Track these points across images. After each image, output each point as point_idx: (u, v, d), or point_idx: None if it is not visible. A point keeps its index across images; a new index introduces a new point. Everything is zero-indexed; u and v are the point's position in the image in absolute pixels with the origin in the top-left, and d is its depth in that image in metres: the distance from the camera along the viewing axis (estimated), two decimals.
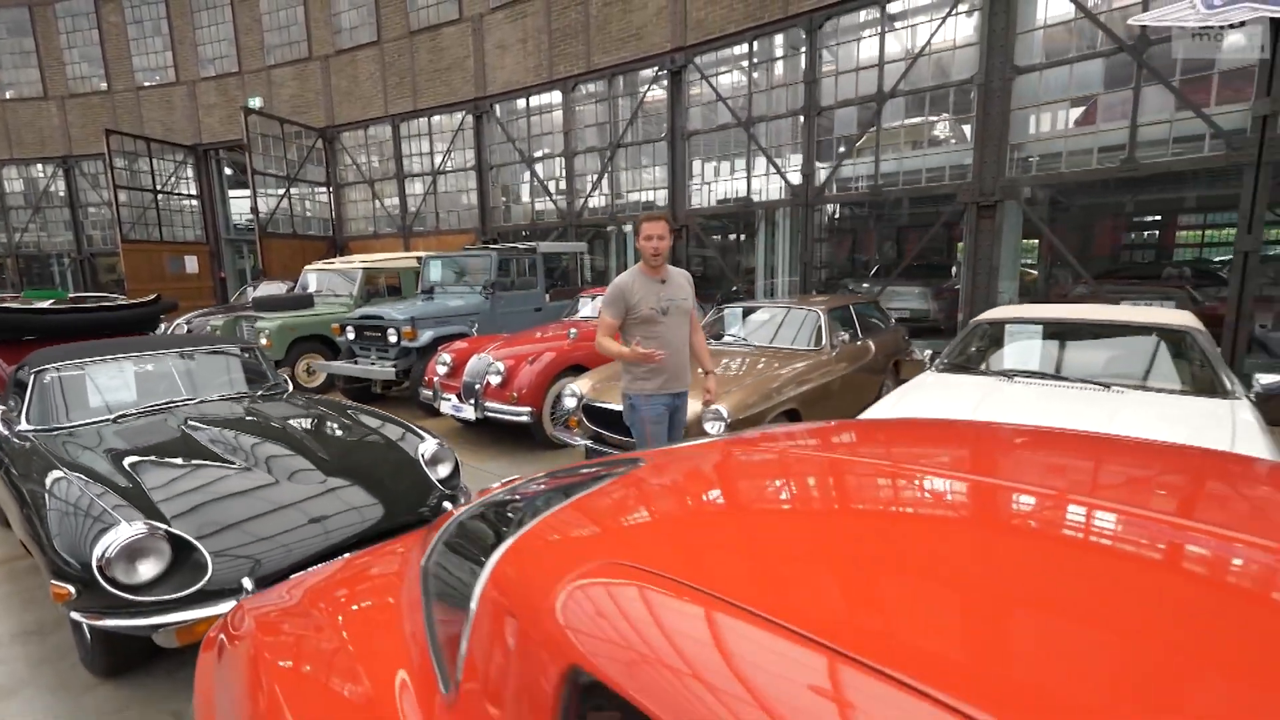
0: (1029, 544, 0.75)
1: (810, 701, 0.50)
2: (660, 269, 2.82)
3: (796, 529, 0.82)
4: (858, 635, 0.56)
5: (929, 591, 0.64)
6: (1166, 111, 5.75)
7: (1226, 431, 2.62)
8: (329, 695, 1.14)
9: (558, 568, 0.75)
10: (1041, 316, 3.91)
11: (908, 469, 0.99)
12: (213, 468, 2.70)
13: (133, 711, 2.17)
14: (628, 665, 0.58)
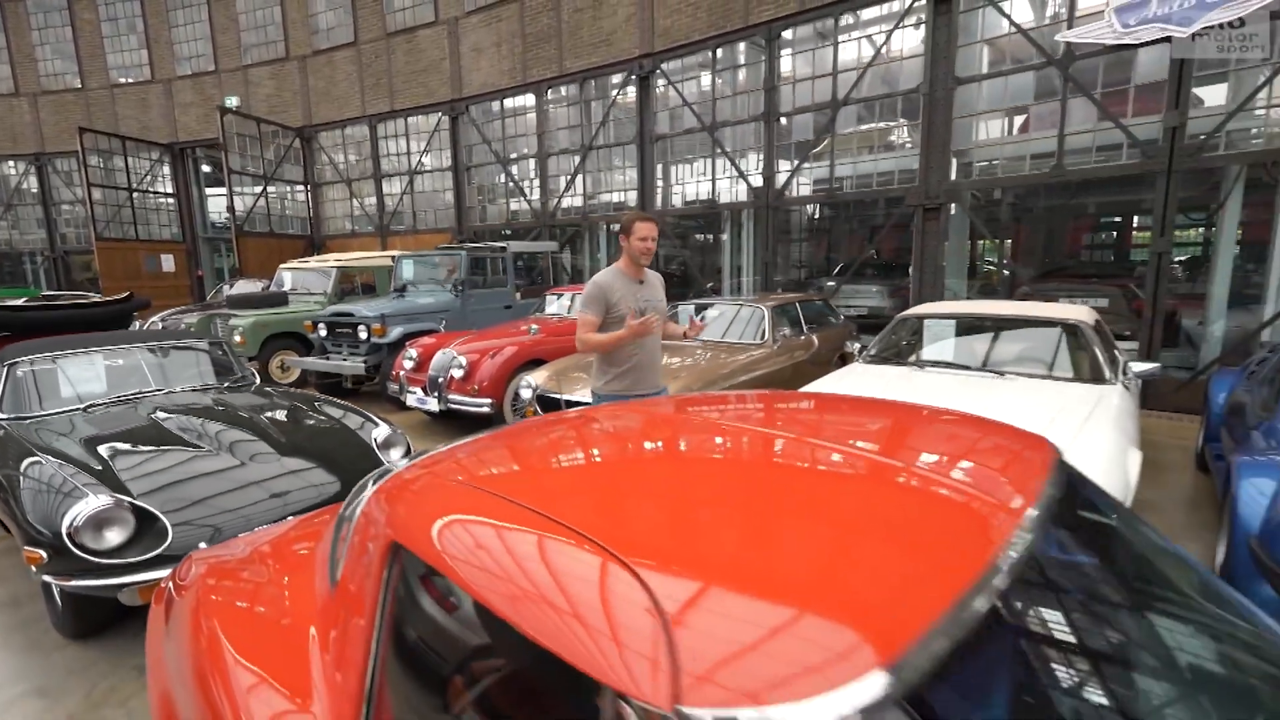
0: (768, 474, 1.03)
1: (531, 555, 0.77)
2: (641, 270, 2.82)
3: (596, 463, 1.10)
4: (584, 521, 0.84)
5: (668, 501, 0.92)
6: (1090, 122, 6.15)
7: (1086, 409, 2.96)
8: (260, 623, 1.39)
9: (407, 482, 1.03)
10: (954, 312, 4.26)
11: (703, 427, 1.27)
12: (178, 450, 2.94)
13: (100, 667, 2.41)
14: (423, 538, 0.86)
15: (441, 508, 0.91)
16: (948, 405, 3.05)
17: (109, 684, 2.30)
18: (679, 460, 1.04)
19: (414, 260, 8.00)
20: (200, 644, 1.33)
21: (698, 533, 0.79)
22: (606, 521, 0.80)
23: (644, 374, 2.85)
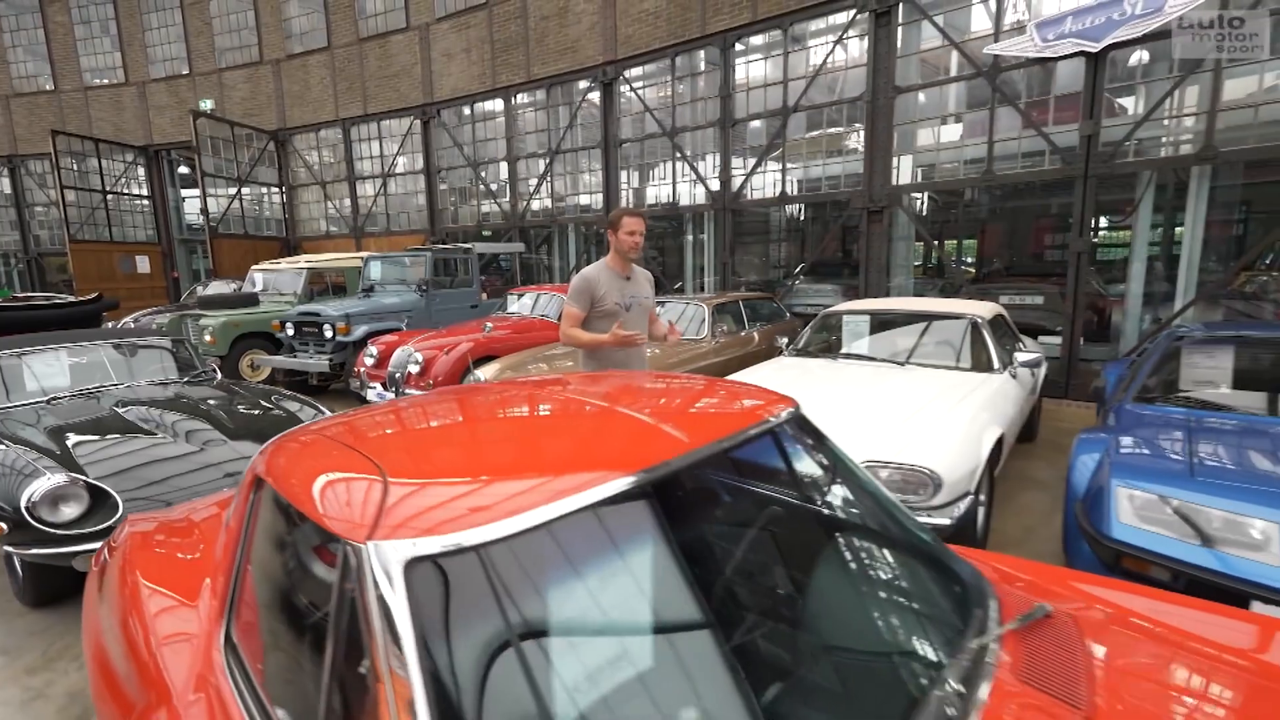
0: (538, 421, 1.32)
1: (323, 466, 1.06)
2: (628, 265, 2.82)
3: (422, 419, 1.40)
4: (378, 450, 1.13)
5: (471, 439, 1.22)
6: (1015, 129, 6.54)
7: (962, 394, 3.31)
8: (173, 562, 1.67)
9: (285, 437, 1.32)
10: (869, 309, 4.60)
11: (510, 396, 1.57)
12: (136, 438, 3.20)
13: (56, 629, 2.66)
14: (272, 468, 1.15)
15: (293, 450, 1.20)
16: (851, 390, 3.40)
17: (64, 643, 2.55)
18: (479, 414, 1.34)
19: (381, 261, 8.24)
20: (125, 591, 1.58)
21: (456, 456, 1.09)
22: (396, 451, 1.10)
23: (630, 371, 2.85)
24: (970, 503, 2.72)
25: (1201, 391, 3.23)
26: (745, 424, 1.21)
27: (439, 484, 0.93)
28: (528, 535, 0.81)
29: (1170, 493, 2.26)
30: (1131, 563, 2.26)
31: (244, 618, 1.14)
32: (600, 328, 2.74)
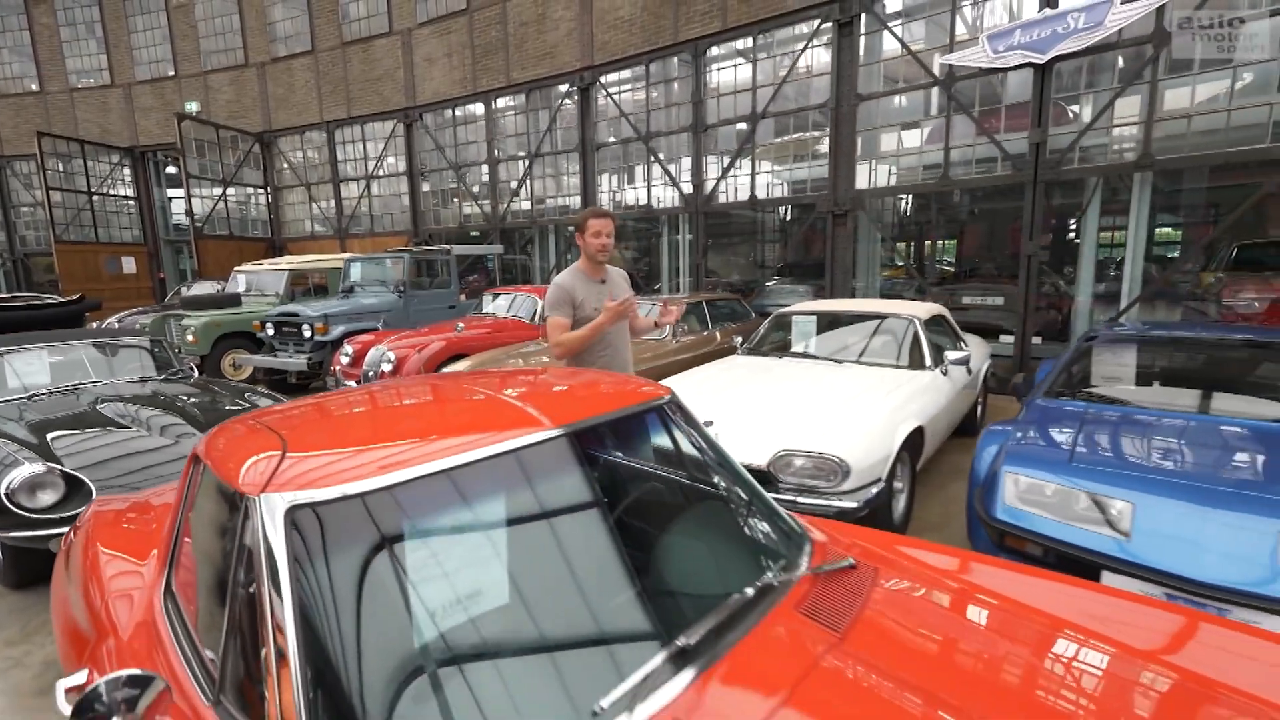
0: (439, 406, 1.55)
1: (241, 444, 1.28)
2: (601, 268, 2.72)
3: (346, 405, 1.62)
4: (293, 427, 1.35)
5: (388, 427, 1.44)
6: (970, 136, 6.81)
7: (887, 389, 3.56)
8: (131, 534, 1.88)
9: (228, 422, 1.54)
10: (815, 310, 4.85)
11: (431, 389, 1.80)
12: (112, 431, 3.40)
13: (35, 609, 2.86)
14: (206, 446, 1.37)
15: (226, 432, 1.42)
16: (785, 387, 3.62)
17: (40, 620, 2.76)
18: (386, 402, 1.56)
19: (361, 262, 8.43)
20: (87, 560, 1.79)
21: (349, 433, 1.32)
22: (304, 430, 1.32)
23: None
24: (881, 489, 2.96)
25: (1107, 387, 3.49)
26: (607, 409, 1.44)
27: (325, 454, 1.15)
28: (382, 492, 1.04)
29: (1048, 477, 2.51)
30: (1013, 540, 2.51)
31: (182, 571, 1.36)
32: None
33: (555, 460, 1.28)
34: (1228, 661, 1.13)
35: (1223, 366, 3.36)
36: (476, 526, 1.15)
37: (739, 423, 3.18)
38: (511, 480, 1.21)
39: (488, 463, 1.16)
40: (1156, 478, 2.37)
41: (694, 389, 3.84)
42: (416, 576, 1.05)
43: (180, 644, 1.22)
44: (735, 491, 1.56)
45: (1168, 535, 2.17)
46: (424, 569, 1.07)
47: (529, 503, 1.25)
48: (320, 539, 1.00)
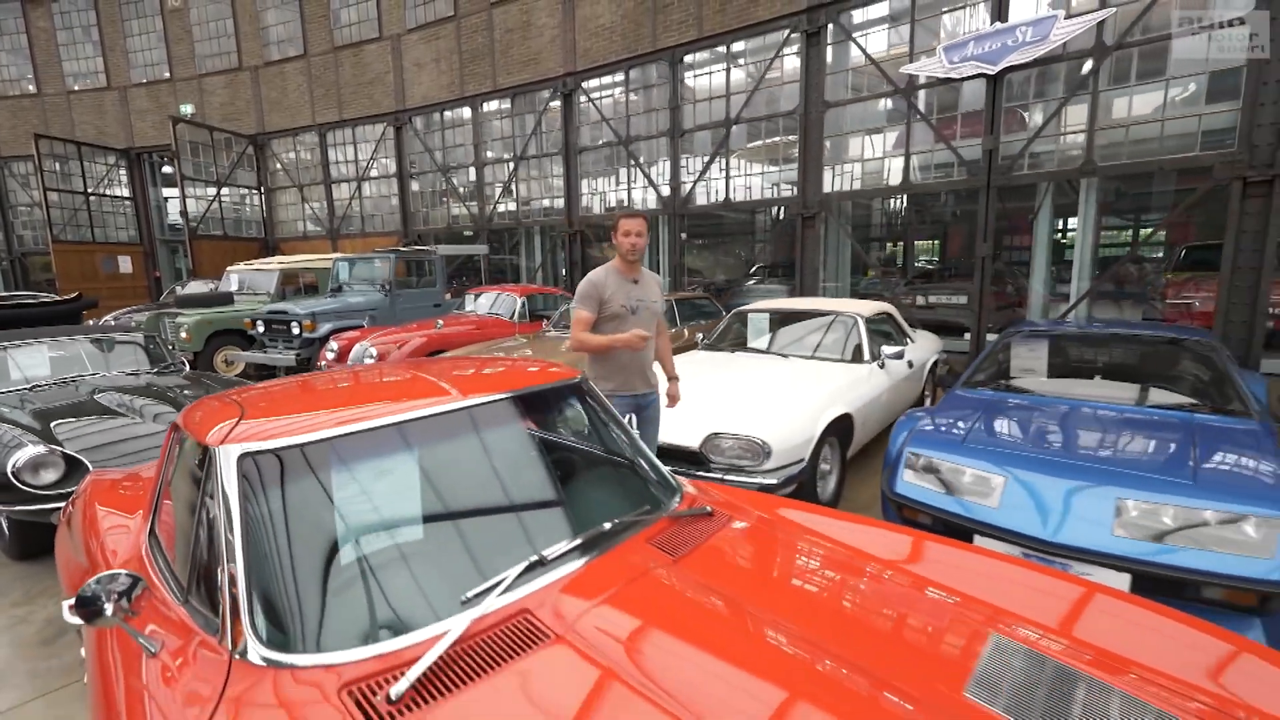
0: (379, 384, 1.86)
1: (209, 411, 1.59)
2: (635, 267, 2.78)
3: (312, 383, 1.93)
4: (254, 399, 1.66)
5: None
6: (928, 143, 7.13)
7: (820, 380, 3.88)
8: (124, 495, 2.19)
9: (206, 398, 1.85)
10: (768, 308, 5.17)
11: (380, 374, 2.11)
12: (109, 418, 3.70)
13: (38, 576, 3.17)
14: (190, 420, 1.68)
15: (200, 405, 1.73)
16: (730, 378, 3.94)
17: (42, 585, 3.07)
18: (333, 380, 1.88)
19: (349, 262, 8.73)
20: (86, 519, 2.12)
21: (297, 403, 1.63)
22: (262, 402, 1.63)
23: (632, 376, 2.80)
24: (803, 468, 3.28)
25: (1017, 378, 3.81)
26: (514, 386, 1.76)
27: (273, 419, 1.46)
28: (312, 444, 1.36)
29: (941, 457, 2.83)
30: (909, 512, 2.83)
31: (162, 516, 1.67)
32: (606, 330, 2.71)
33: (462, 422, 1.59)
34: (993, 585, 1.44)
35: (1113, 359, 3.68)
36: (388, 470, 1.47)
37: (678, 409, 3.50)
38: (424, 435, 1.53)
39: (402, 424, 1.48)
40: (1028, 455, 2.69)
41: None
42: (339, 505, 1.36)
43: (160, 568, 1.53)
44: (625, 454, 1.88)
45: (1029, 504, 2.49)
46: (345, 501, 1.38)
47: (437, 453, 1.56)
48: (261, 478, 1.31)
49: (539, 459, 1.75)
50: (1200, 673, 1.18)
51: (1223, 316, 5.61)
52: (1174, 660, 1.19)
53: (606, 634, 1.16)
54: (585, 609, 1.22)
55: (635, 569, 1.38)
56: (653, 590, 1.31)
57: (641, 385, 2.85)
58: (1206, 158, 5.61)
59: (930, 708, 1.01)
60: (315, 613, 1.19)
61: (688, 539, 1.54)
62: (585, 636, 1.15)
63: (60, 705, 2.22)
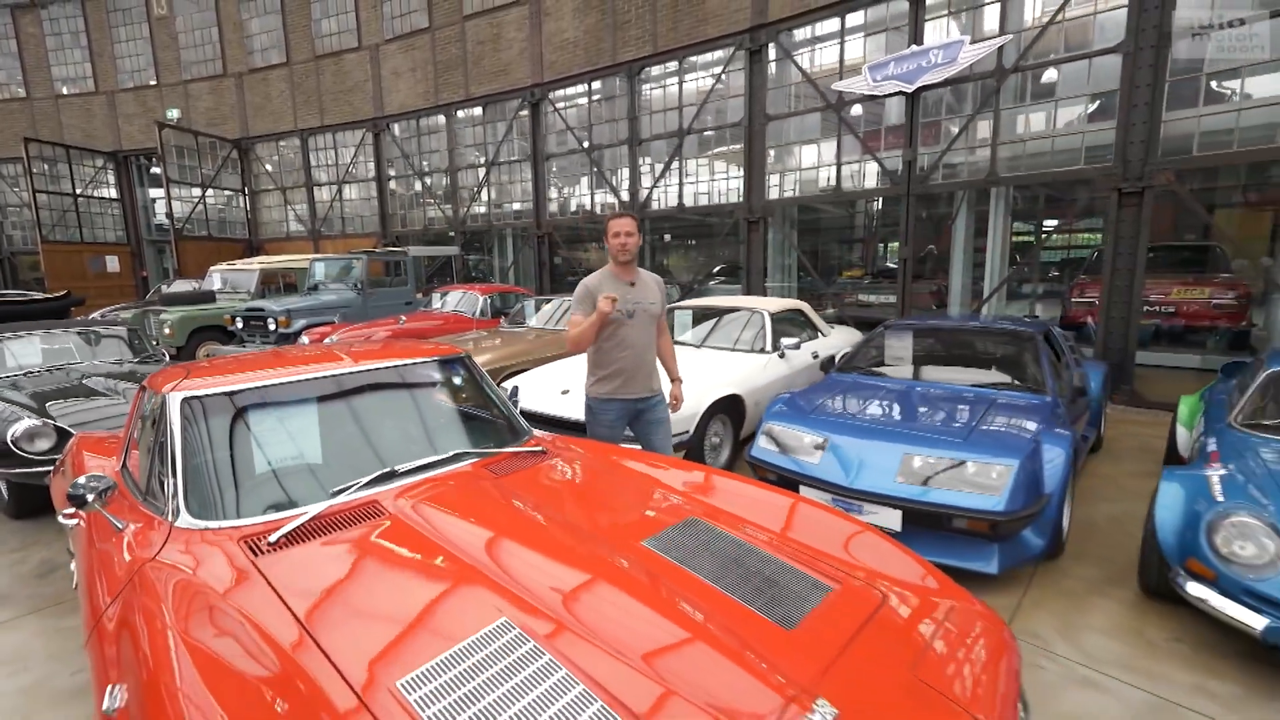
0: (314, 359, 2.43)
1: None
2: (630, 269, 2.75)
3: (260, 354, 2.50)
4: (210, 370, 2.23)
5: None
6: (857, 153, 7.75)
7: (720, 367, 4.46)
8: (106, 444, 2.75)
9: (165, 368, 2.41)
10: (692, 305, 5.76)
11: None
12: (96, 398, 4.25)
13: (32, 531, 3.71)
14: (152, 380, 2.24)
15: (160, 371, 2.30)
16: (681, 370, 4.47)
17: (36, 537, 3.61)
18: (271, 354, 2.45)
19: (324, 263, 9.27)
20: (73, 461, 2.70)
21: (233, 367, 2.20)
22: (208, 366, 2.20)
23: (632, 378, 2.78)
24: (687, 438, 3.87)
25: (882, 364, 4.41)
26: (401, 357, 2.34)
27: (210, 375, 2.03)
28: (237, 393, 1.93)
29: (786, 426, 3.43)
30: (760, 471, 3.42)
31: (133, 453, 2.24)
32: (602, 334, 2.70)
33: (353, 379, 2.18)
34: (726, 498, 2.02)
35: (960, 348, 4.29)
36: (290, 410, 2.05)
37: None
38: (321, 388, 2.11)
39: (302, 381, 2.06)
40: (848, 423, 3.29)
41: (575, 367, 4.75)
42: (252, 431, 1.94)
43: (129, 485, 2.10)
44: (490, 407, 2.46)
45: (839, 460, 3.09)
46: (255, 428, 1.96)
47: (330, 399, 2.14)
48: (194, 413, 1.88)
49: (413, 407, 2.34)
50: (836, 545, 1.77)
51: (1105, 313, 6.25)
52: (821, 538, 1.78)
53: (424, 515, 1.73)
54: (415, 501, 1.80)
55: (462, 481, 1.96)
56: (470, 494, 1.90)
57: (641, 389, 2.81)
58: (1089, 171, 6.25)
59: (614, 549, 1.59)
60: (226, 497, 1.76)
61: (515, 466, 2.13)
62: (409, 515, 1.73)
63: (49, 619, 2.77)
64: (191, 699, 1.05)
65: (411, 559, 1.53)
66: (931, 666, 1.27)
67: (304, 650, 1.17)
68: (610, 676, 1.12)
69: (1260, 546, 2.22)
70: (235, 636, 1.22)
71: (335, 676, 1.10)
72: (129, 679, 1.19)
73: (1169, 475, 2.65)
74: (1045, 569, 2.99)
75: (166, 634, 1.23)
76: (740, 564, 1.57)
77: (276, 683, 1.10)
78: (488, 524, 1.70)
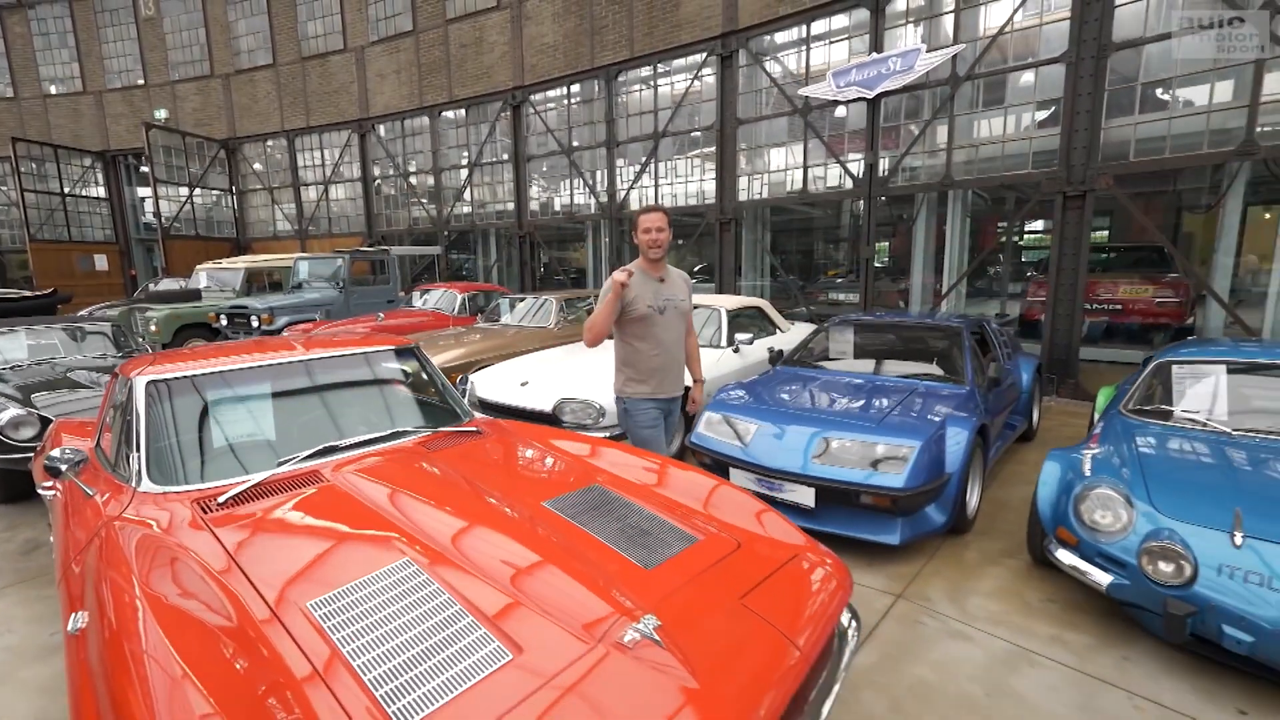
0: (271, 350, 2.68)
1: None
2: (660, 265, 2.71)
3: (212, 350, 2.74)
4: (170, 359, 2.48)
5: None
6: (821, 156, 8.03)
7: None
8: (83, 429, 2.99)
9: (135, 358, 2.65)
10: None
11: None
12: (79, 390, 4.48)
13: (17, 514, 3.94)
14: (122, 367, 2.49)
15: (129, 360, 2.54)
16: (598, 359, 4.74)
17: (21, 519, 3.85)
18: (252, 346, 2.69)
19: (308, 261, 9.48)
20: (54, 445, 2.94)
21: (196, 356, 2.45)
22: (176, 355, 2.44)
23: (665, 379, 2.77)
24: None
25: (824, 357, 4.69)
26: (353, 347, 2.59)
27: (173, 362, 2.28)
28: (195, 376, 2.18)
29: (724, 413, 3.70)
30: (699, 455, 3.69)
31: (105, 434, 2.48)
32: (633, 332, 2.70)
33: (303, 367, 2.43)
34: (629, 470, 2.29)
35: (896, 342, 4.58)
36: (245, 392, 2.30)
37: (543, 382, 4.35)
38: (275, 375, 2.37)
39: (256, 369, 2.32)
40: (776, 411, 3.56)
41: (537, 361, 5.01)
42: (210, 410, 2.20)
43: (100, 460, 2.35)
44: (433, 392, 2.72)
45: (764, 444, 3.35)
46: (213, 407, 2.21)
47: (283, 383, 2.39)
48: (158, 394, 2.14)
49: (360, 392, 2.59)
50: (718, 508, 2.03)
51: (1050, 310, 6.55)
52: (686, 494, 2.05)
53: (356, 481, 1.99)
54: (351, 470, 2.06)
55: (397, 454, 2.22)
56: (402, 466, 2.15)
57: (674, 389, 2.80)
58: (1036, 175, 6.55)
59: (514, 507, 1.85)
60: (184, 466, 2.02)
61: (450, 443, 2.39)
62: (343, 481, 1.98)
63: (32, 589, 3.00)
64: (140, 616, 1.31)
65: (337, 513, 1.79)
66: (759, 596, 1.54)
67: (231, 576, 1.43)
68: (478, 595, 1.38)
69: (1116, 515, 2.50)
70: (178, 569, 1.47)
71: (255, 595, 1.36)
72: (91, 606, 1.44)
73: (1051, 455, 2.93)
74: (951, 543, 3.28)
75: (122, 568, 1.48)
76: (623, 520, 1.83)
77: (208, 599, 1.35)
78: (411, 488, 1.96)
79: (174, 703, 1.07)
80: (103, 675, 1.20)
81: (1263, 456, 2.65)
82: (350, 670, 1.17)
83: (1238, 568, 2.14)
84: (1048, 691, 2.15)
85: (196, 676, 1.12)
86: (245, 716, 1.05)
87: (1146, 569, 2.27)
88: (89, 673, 1.26)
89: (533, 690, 1.15)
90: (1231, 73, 5.62)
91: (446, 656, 1.22)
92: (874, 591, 2.80)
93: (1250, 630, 2.04)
